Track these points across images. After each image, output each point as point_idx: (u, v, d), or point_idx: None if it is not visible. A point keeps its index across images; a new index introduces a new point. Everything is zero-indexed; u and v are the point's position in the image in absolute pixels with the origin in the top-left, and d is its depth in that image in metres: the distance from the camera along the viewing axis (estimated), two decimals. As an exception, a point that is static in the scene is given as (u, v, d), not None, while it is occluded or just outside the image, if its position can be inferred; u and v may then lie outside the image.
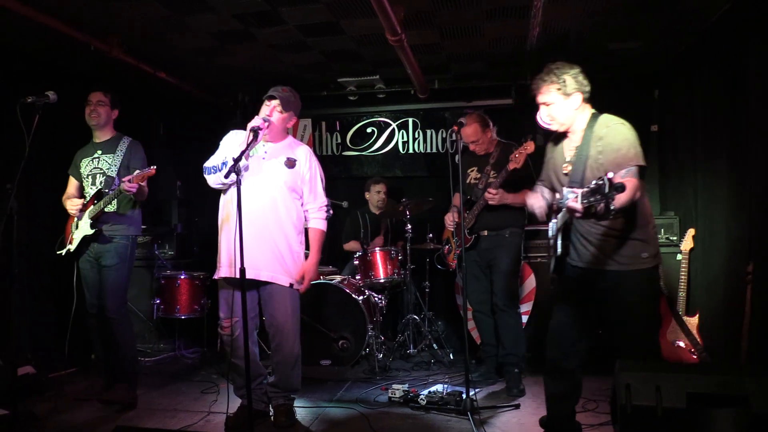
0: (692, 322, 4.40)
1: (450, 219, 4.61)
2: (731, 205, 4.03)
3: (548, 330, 3.09)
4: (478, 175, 4.43)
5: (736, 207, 3.95)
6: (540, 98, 2.89)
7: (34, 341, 4.74)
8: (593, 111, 2.91)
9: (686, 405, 2.31)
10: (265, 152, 3.52)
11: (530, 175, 4.34)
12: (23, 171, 3.17)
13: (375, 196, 5.82)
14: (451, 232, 4.73)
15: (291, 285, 3.48)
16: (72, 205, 3.99)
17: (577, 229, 2.87)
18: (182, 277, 5.28)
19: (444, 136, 6.25)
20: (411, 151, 6.35)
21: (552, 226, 3.03)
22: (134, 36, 4.56)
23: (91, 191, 4.02)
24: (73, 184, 4.17)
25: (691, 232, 4.60)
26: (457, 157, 4.15)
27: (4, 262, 3.32)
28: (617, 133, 2.73)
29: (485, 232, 4.36)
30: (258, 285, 3.47)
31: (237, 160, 2.98)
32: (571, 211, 2.45)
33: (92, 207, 3.92)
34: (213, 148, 3.71)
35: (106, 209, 3.91)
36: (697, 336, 4.35)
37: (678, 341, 4.39)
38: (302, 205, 3.62)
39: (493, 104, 5.82)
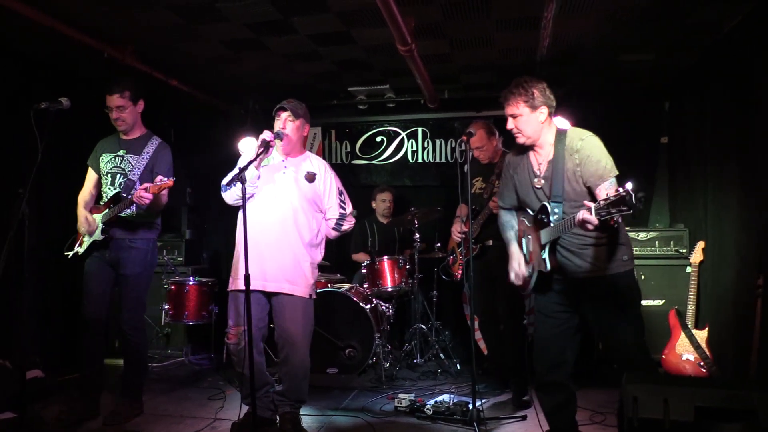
0: (701, 335, 4.36)
1: (457, 230, 4.61)
2: (741, 218, 4.01)
3: (535, 345, 3.11)
4: (483, 185, 4.43)
5: (747, 220, 3.93)
6: (508, 110, 2.97)
7: (43, 345, 4.76)
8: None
9: (694, 419, 2.30)
10: (285, 167, 3.56)
11: None
12: (35, 176, 3.20)
13: (381, 204, 5.83)
14: (457, 243, 4.73)
15: (310, 296, 3.53)
16: (82, 223, 3.76)
17: (558, 243, 2.89)
18: (191, 283, 5.30)
19: (453, 145, 6.26)
20: (420, 160, 6.36)
21: (525, 243, 3.05)
22: (147, 44, 4.61)
23: (109, 191, 3.83)
24: (92, 178, 3.93)
25: (701, 244, 4.57)
26: (465, 167, 4.15)
27: (14, 266, 3.36)
28: (594, 146, 2.80)
29: (490, 242, 4.36)
30: (271, 294, 3.49)
31: (243, 170, 3.04)
32: (583, 223, 2.48)
33: (107, 210, 3.73)
34: (223, 155, 3.72)
35: (122, 214, 3.71)
36: (706, 349, 4.31)
37: (687, 355, 4.36)
38: (323, 216, 3.68)
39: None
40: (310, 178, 3.56)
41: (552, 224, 2.79)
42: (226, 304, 3.57)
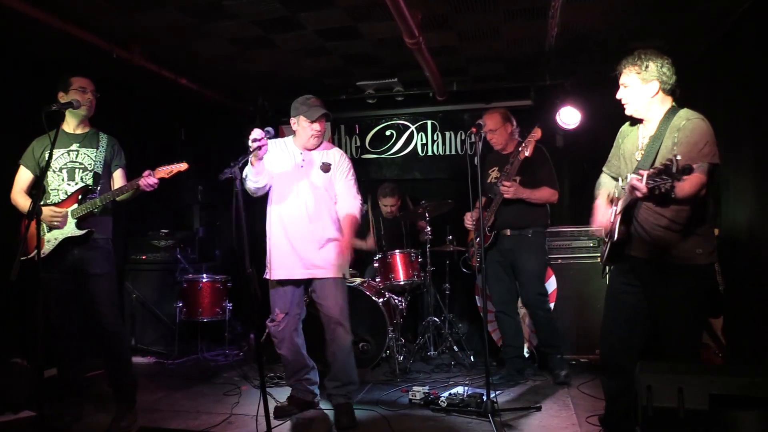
0: (717, 323, 4.34)
1: (469, 217, 4.58)
2: (755, 205, 3.97)
3: (601, 326, 3.06)
4: (499, 175, 4.42)
5: (761, 206, 3.89)
6: (621, 78, 2.94)
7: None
8: (673, 104, 2.88)
9: (709, 407, 2.28)
10: (303, 160, 3.77)
11: (548, 166, 4.33)
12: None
13: (383, 209, 5.77)
14: (475, 234, 4.71)
15: (343, 275, 3.76)
16: (53, 214, 3.45)
17: (635, 217, 2.83)
18: (204, 280, 5.34)
19: (463, 138, 6.25)
20: (430, 153, 6.37)
21: (612, 211, 2.98)
22: (156, 43, 4.63)
23: (67, 187, 3.56)
24: (26, 177, 3.64)
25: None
26: (476, 159, 4.14)
27: (30, 265, 3.39)
28: (697, 127, 2.69)
29: (507, 232, 4.35)
30: (307, 280, 3.75)
31: (237, 163, 3.11)
32: (633, 189, 2.41)
33: (77, 206, 3.50)
34: (233, 152, 3.70)
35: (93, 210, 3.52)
36: (721, 337, 4.28)
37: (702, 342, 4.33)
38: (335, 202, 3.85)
39: (512, 105, 5.76)
40: (326, 168, 3.76)
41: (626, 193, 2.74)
42: (240, 300, 3.64)
